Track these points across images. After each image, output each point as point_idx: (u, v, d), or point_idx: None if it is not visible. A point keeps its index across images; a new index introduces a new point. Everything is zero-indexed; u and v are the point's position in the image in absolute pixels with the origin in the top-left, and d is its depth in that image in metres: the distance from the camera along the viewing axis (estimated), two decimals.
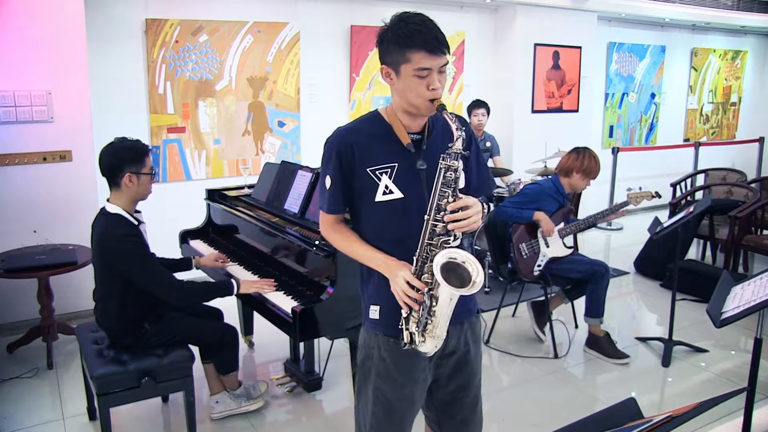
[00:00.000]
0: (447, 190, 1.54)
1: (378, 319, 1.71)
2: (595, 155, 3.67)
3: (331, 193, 1.68)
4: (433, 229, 1.55)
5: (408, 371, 1.71)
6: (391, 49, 1.58)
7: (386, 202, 1.64)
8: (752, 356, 2.03)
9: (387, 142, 1.65)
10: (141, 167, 2.57)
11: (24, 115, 3.79)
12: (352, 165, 1.64)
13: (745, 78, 8.93)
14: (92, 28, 4.15)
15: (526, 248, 3.60)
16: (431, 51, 1.55)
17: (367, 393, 1.76)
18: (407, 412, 1.77)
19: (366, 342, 1.77)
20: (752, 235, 4.99)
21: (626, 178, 6.77)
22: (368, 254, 1.67)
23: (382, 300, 1.69)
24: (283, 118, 5.18)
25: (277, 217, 3.03)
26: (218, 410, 2.92)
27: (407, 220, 1.63)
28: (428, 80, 1.56)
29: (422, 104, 1.59)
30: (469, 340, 1.78)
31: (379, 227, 1.68)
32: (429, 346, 1.57)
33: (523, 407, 3.12)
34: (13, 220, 3.83)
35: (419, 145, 1.66)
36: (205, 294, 2.77)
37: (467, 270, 1.51)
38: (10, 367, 3.44)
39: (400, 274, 1.56)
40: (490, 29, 6.25)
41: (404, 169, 1.64)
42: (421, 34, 1.54)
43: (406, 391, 1.73)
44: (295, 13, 5.10)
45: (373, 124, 1.69)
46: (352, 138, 1.66)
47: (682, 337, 3.75)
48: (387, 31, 1.60)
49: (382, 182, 1.64)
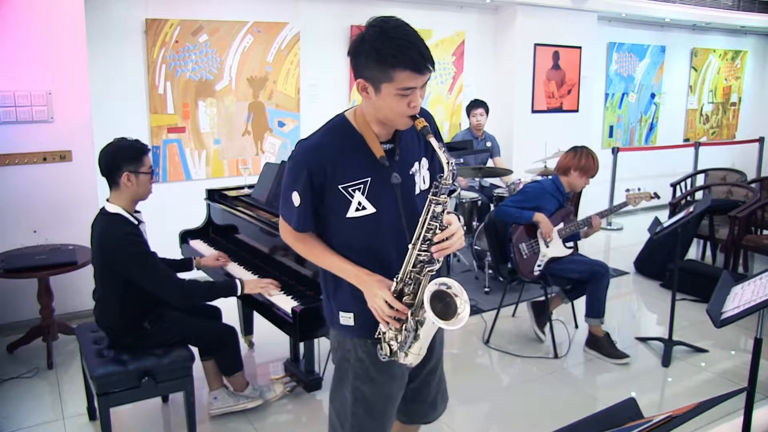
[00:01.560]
0: (434, 224, 1.51)
1: (352, 325, 1.70)
2: (593, 153, 3.67)
3: (300, 211, 1.61)
4: (418, 257, 1.54)
5: (387, 370, 1.72)
6: (371, 65, 1.45)
7: (358, 218, 1.60)
8: (752, 356, 2.03)
9: (358, 155, 1.58)
10: (139, 166, 2.57)
11: (24, 115, 3.79)
12: (323, 184, 1.57)
13: (745, 78, 8.93)
14: (92, 28, 4.15)
15: (525, 248, 3.60)
16: (417, 71, 1.44)
17: (344, 393, 1.75)
18: (388, 409, 1.78)
19: (340, 343, 1.76)
20: (752, 235, 4.99)
21: (626, 178, 6.76)
22: (338, 265, 1.64)
23: (355, 308, 1.67)
24: (283, 118, 5.18)
25: (277, 217, 3.02)
26: (216, 407, 2.92)
27: (379, 234, 1.61)
28: (410, 98, 1.47)
29: (400, 120, 1.53)
30: None
31: (349, 241, 1.64)
32: (411, 360, 1.59)
33: (523, 407, 3.12)
34: (13, 220, 3.83)
35: (392, 155, 1.60)
36: (208, 294, 2.77)
37: (455, 303, 1.51)
38: (10, 367, 3.44)
39: (379, 294, 1.54)
40: (490, 29, 6.25)
41: (377, 184, 1.58)
42: (407, 51, 1.41)
43: (385, 389, 1.74)
44: (295, 13, 5.10)
45: (342, 135, 1.59)
46: (323, 157, 1.56)
47: (682, 337, 3.75)
48: (364, 43, 1.46)
49: (355, 199, 1.58)
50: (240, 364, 2.92)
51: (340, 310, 1.70)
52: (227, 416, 2.94)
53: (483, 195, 5.16)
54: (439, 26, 5.73)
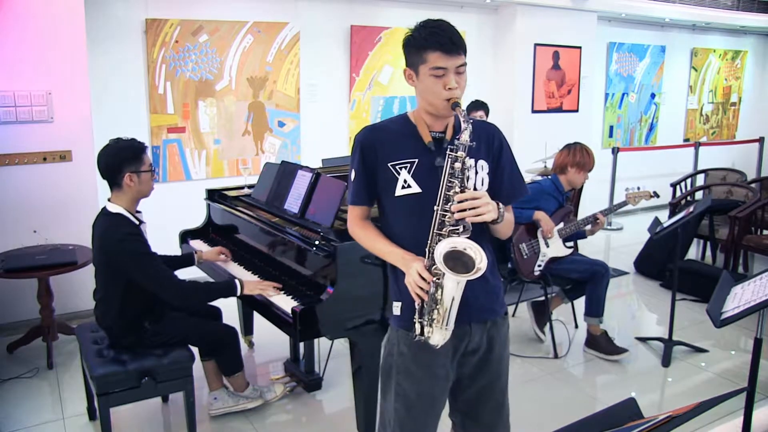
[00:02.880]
0: (454, 181, 1.59)
1: (400, 315, 1.75)
2: (587, 148, 3.68)
3: (354, 184, 1.76)
4: (442, 219, 1.60)
5: (426, 366, 1.73)
6: (412, 51, 1.66)
7: (405, 196, 1.69)
8: (752, 356, 2.03)
9: (410, 140, 1.72)
10: (140, 165, 2.57)
11: (24, 115, 3.79)
12: (374, 160, 1.71)
13: (745, 78, 8.93)
14: (92, 28, 4.15)
15: (526, 248, 3.60)
16: (446, 51, 1.60)
17: (391, 391, 1.79)
18: (428, 409, 1.78)
19: (389, 338, 1.81)
20: (752, 235, 4.99)
21: (626, 178, 6.76)
22: (387, 249, 1.73)
23: (403, 296, 1.72)
24: (283, 118, 5.18)
25: (277, 217, 3.02)
26: (216, 407, 2.92)
27: (425, 216, 1.66)
28: (445, 80, 1.62)
29: (440, 104, 1.65)
30: (493, 339, 1.79)
31: (399, 222, 1.74)
32: (437, 338, 1.59)
33: (523, 407, 3.11)
34: (13, 220, 3.83)
35: (440, 143, 1.71)
36: (208, 294, 2.77)
37: (470, 257, 1.54)
38: (10, 367, 3.44)
39: (413, 266, 1.60)
40: (490, 29, 6.25)
41: (424, 166, 1.69)
42: (436, 35, 1.61)
43: (425, 387, 1.75)
44: (295, 13, 5.10)
45: (399, 123, 1.77)
46: (376, 135, 1.74)
47: (682, 337, 3.75)
48: (409, 36, 1.67)
49: (401, 176, 1.69)
50: (240, 365, 2.92)
51: (393, 299, 1.78)
52: (227, 416, 2.94)
53: None
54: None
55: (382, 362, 1.83)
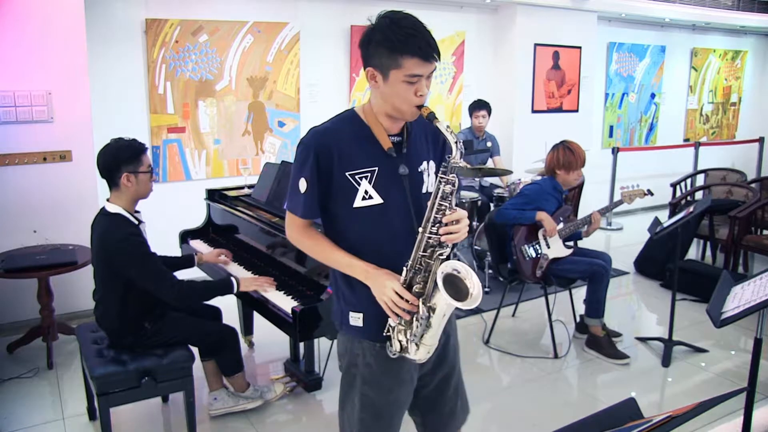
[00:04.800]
0: (444, 204, 1.52)
1: (361, 326, 1.67)
2: (571, 146, 3.60)
3: (306, 196, 1.60)
4: (428, 241, 1.53)
5: (395, 374, 1.69)
6: (381, 52, 1.51)
7: (365, 207, 1.59)
8: (752, 356, 2.03)
9: (366, 145, 1.60)
10: (138, 166, 2.57)
11: (24, 115, 3.79)
12: (330, 168, 1.57)
13: (745, 78, 8.93)
14: (92, 28, 4.14)
15: (527, 249, 3.60)
16: (425, 58, 1.49)
17: (353, 400, 1.73)
18: (395, 415, 1.75)
19: (348, 348, 1.72)
20: (752, 235, 4.99)
21: (626, 178, 6.72)
22: (346, 261, 1.61)
23: (365, 308, 1.64)
24: (283, 118, 5.18)
25: (277, 217, 3.03)
26: (216, 407, 2.92)
27: (387, 227, 1.60)
28: (417, 86, 1.52)
29: (408, 110, 1.55)
30: (448, 329, 1.75)
31: (357, 234, 1.63)
32: (422, 354, 1.57)
33: (523, 407, 3.12)
34: (13, 220, 3.83)
35: (400, 148, 1.62)
36: (206, 293, 2.77)
37: (465, 284, 1.51)
38: (10, 367, 3.44)
39: (388, 285, 1.53)
40: (490, 29, 6.25)
41: (385, 174, 1.60)
42: (414, 39, 1.48)
43: (393, 395, 1.71)
44: (295, 13, 5.10)
45: (351, 125, 1.62)
46: (330, 139, 1.58)
47: (682, 337, 3.75)
48: (374, 32, 1.52)
49: (362, 187, 1.58)
50: (240, 365, 2.92)
51: (350, 310, 1.68)
52: (227, 416, 2.94)
53: (483, 195, 5.16)
54: (439, 26, 5.73)
55: (344, 372, 1.75)
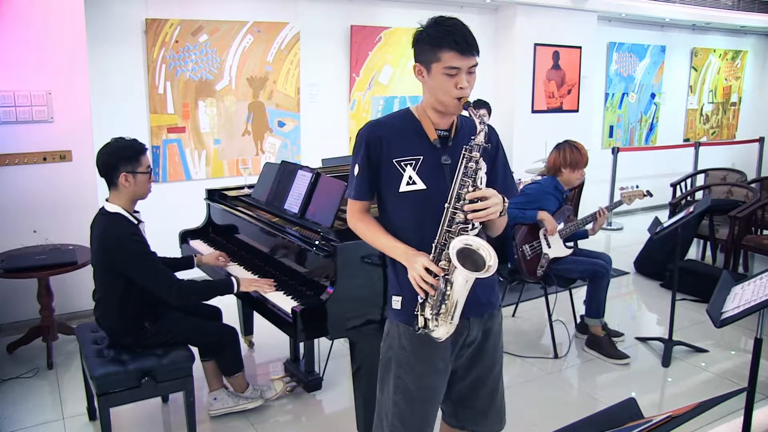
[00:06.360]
0: (468, 180, 1.61)
1: (400, 309, 1.78)
2: (576, 145, 3.63)
3: (358, 180, 1.77)
4: (453, 217, 1.62)
5: (427, 360, 1.77)
6: (425, 48, 1.68)
7: (409, 192, 1.71)
8: (752, 356, 2.03)
9: (414, 136, 1.74)
10: (137, 166, 2.57)
11: (24, 115, 3.79)
12: (379, 156, 1.73)
13: (745, 78, 8.93)
14: (92, 28, 4.14)
15: (529, 249, 3.60)
16: (461, 51, 1.63)
17: (389, 383, 1.81)
18: (429, 401, 1.81)
19: (389, 332, 1.83)
20: (752, 235, 4.99)
21: (626, 178, 6.74)
22: (389, 244, 1.74)
23: (404, 290, 1.75)
24: (283, 118, 5.18)
25: (277, 217, 3.02)
26: (216, 407, 2.92)
27: (429, 212, 1.69)
28: (456, 79, 1.64)
29: (450, 102, 1.67)
30: (489, 330, 1.85)
31: (402, 218, 1.75)
32: (442, 332, 1.62)
33: (523, 407, 3.12)
34: (13, 220, 3.83)
35: (445, 141, 1.75)
36: (206, 293, 2.76)
37: (481, 256, 1.57)
38: (10, 367, 3.44)
39: (419, 260, 1.62)
40: (490, 29, 6.25)
41: (429, 163, 1.72)
42: (452, 34, 1.64)
43: (426, 381, 1.78)
44: (295, 13, 5.10)
45: (403, 119, 1.78)
46: (381, 131, 1.74)
47: (682, 337, 3.75)
48: (422, 32, 1.70)
49: (406, 173, 1.71)
50: (240, 365, 2.92)
51: (393, 293, 1.80)
52: (227, 416, 2.94)
53: None
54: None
55: (382, 355, 1.85)
